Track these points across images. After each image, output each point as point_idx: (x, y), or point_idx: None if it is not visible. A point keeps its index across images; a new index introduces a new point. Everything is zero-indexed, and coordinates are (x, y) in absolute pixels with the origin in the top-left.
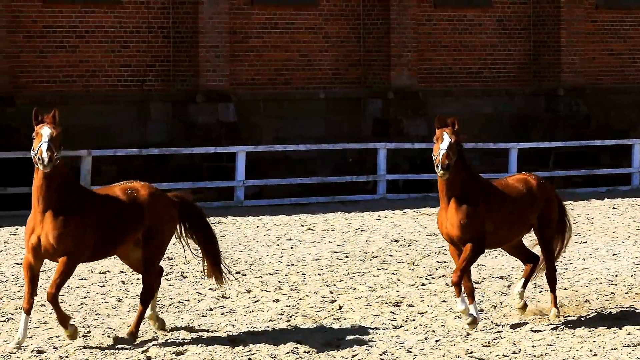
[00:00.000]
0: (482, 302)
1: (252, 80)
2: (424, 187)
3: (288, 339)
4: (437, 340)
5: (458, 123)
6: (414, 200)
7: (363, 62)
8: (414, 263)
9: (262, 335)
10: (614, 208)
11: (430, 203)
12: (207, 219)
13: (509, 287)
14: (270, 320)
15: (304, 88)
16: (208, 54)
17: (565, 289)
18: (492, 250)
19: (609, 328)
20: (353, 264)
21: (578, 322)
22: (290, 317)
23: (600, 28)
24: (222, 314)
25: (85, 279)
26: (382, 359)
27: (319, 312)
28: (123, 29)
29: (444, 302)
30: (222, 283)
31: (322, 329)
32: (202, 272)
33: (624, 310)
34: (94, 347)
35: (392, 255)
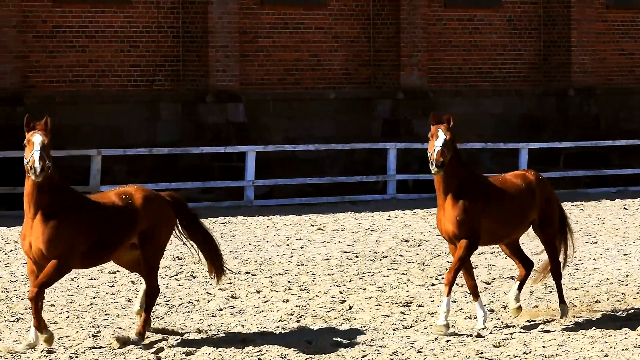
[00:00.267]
0: (492, 302)
1: (261, 80)
2: (434, 187)
3: (298, 339)
4: (447, 341)
5: (453, 120)
6: (424, 200)
7: (373, 62)
8: (424, 263)
9: (271, 336)
10: (625, 208)
11: None
12: (199, 218)
13: None
14: (280, 321)
15: (314, 88)
16: (218, 54)
17: (576, 290)
18: (501, 250)
19: (620, 328)
20: (363, 264)
21: (589, 322)
22: (300, 317)
23: (611, 28)
24: (231, 314)
25: (95, 279)
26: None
27: (329, 312)
28: (133, 29)
29: (454, 302)
30: (220, 280)
31: (332, 329)
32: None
33: (635, 311)
34: (104, 347)
35: (402, 256)
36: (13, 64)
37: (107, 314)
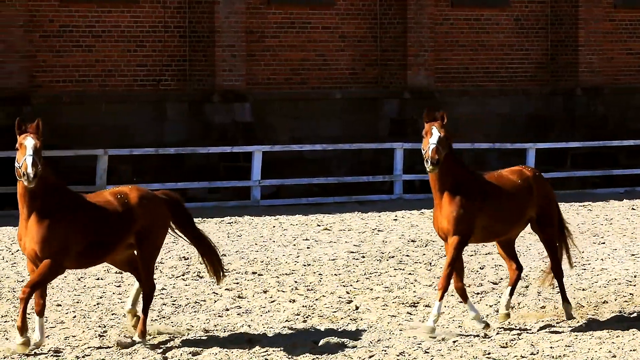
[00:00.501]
0: (499, 302)
1: (268, 80)
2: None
3: (304, 340)
4: (454, 341)
5: (447, 117)
6: (431, 201)
7: (379, 61)
8: (431, 263)
9: (278, 336)
10: (633, 209)
11: None
12: (193, 218)
13: (527, 287)
14: (287, 321)
15: (320, 88)
16: (224, 54)
17: (584, 290)
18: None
19: (628, 329)
20: (370, 264)
21: (596, 323)
22: (307, 317)
23: (619, 27)
24: (238, 314)
25: (102, 279)
26: None
27: (336, 312)
28: (139, 29)
29: (461, 302)
30: (221, 281)
31: (338, 330)
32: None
33: None
34: (111, 347)
35: (409, 256)
36: (20, 64)
37: (113, 314)
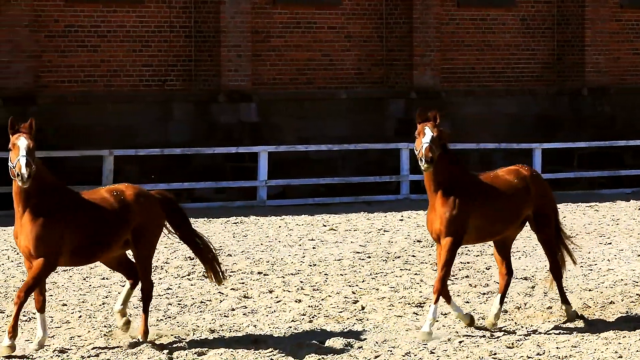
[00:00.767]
0: (505, 303)
1: (274, 80)
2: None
3: (310, 340)
4: (460, 342)
5: (440, 117)
6: None
7: (385, 61)
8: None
9: (284, 336)
10: (639, 209)
11: None
12: (188, 219)
13: (533, 288)
14: (293, 321)
15: (326, 88)
16: (230, 54)
17: (590, 291)
18: (515, 251)
19: (634, 330)
20: (376, 265)
21: (603, 323)
22: (313, 317)
23: (625, 27)
24: (244, 314)
25: (107, 279)
26: None
27: (342, 312)
28: (145, 29)
29: (467, 302)
30: (220, 282)
31: (344, 330)
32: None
33: None
34: (116, 346)
35: (414, 256)
36: (25, 64)
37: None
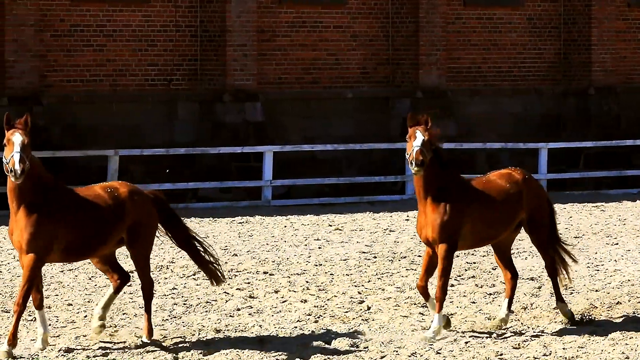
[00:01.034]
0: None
1: (279, 80)
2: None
3: (316, 340)
4: (466, 342)
5: (431, 120)
6: None
7: (391, 61)
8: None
9: (289, 336)
10: None
11: None
12: (181, 220)
13: (540, 288)
14: (298, 321)
15: (332, 87)
16: (235, 53)
17: (597, 291)
18: (521, 251)
19: None
20: (381, 265)
21: (610, 324)
22: (318, 317)
23: (632, 26)
24: (249, 314)
25: None
26: None
27: (347, 312)
28: (150, 28)
29: (474, 303)
30: (219, 283)
31: (350, 330)
32: (229, 272)
33: None
34: (121, 346)
35: (420, 256)
36: (31, 63)
37: (124, 314)
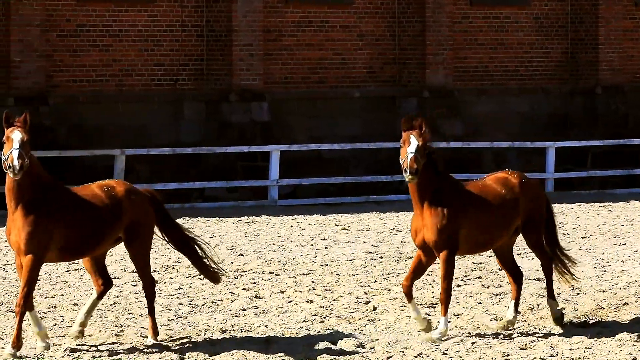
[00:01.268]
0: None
1: (285, 79)
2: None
3: (322, 340)
4: (473, 343)
5: (426, 124)
6: None
7: (398, 60)
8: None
9: (295, 336)
10: None
11: None
12: (175, 221)
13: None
14: (304, 321)
15: (338, 87)
16: (242, 53)
17: (604, 292)
18: (528, 252)
19: None
20: (388, 265)
21: (617, 325)
22: (324, 318)
23: (639, 25)
24: (255, 315)
25: (119, 278)
26: None
27: (353, 313)
28: (156, 28)
29: (480, 304)
30: (217, 281)
31: (356, 330)
32: (234, 272)
33: None
34: (127, 346)
35: None
36: (37, 63)
37: (130, 314)
